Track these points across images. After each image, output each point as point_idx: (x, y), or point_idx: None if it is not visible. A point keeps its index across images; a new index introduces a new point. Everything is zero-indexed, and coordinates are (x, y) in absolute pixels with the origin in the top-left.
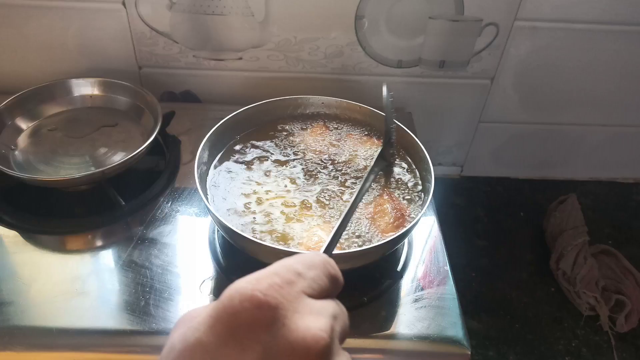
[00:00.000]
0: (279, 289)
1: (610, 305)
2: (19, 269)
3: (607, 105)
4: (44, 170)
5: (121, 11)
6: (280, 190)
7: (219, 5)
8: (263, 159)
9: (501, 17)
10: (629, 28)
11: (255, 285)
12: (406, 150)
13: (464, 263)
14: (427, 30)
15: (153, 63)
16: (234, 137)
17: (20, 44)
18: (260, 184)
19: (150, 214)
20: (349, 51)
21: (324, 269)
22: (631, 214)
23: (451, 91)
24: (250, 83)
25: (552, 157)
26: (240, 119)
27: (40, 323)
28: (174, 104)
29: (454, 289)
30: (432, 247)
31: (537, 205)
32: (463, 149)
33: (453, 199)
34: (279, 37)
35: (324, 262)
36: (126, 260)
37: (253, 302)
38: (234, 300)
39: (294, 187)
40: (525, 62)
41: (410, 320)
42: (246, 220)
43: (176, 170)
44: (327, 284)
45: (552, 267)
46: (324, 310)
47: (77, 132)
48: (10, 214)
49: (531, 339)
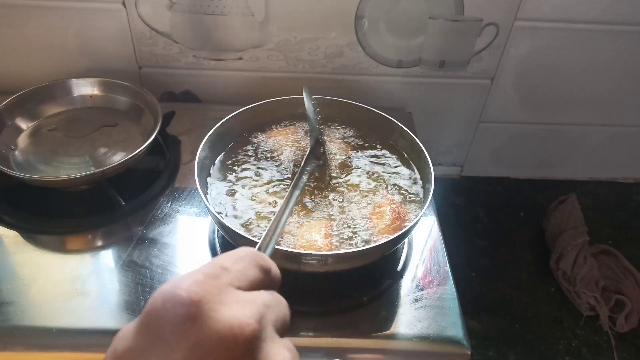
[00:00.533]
0: (202, 284)
1: (610, 305)
2: (19, 269)
3: (607, 105)
4: (44, 170)
5: (121, 11)
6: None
7: (219, 5)
8: (261, 159)
9: (501, 17)
10: (629, 28)
11: (177, 284)
12: (406, 150)
13: (464, 263)
14: (427, 30)
15: (153, 63)
16: (234, 137)
17: (20, 44)
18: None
19: (150, 214)
20: (349, 51)
21: (252, 260)
22: (631, 214)
23: (451, 91)
24: (250, 83)
25: (552, 157)
26: (240, 119)
27: (40, 323)
28: (174, 104)
29: (454, 289)
30: (432, 247)
31: (537, 205)
32: (463, 149)
33: (453, 199)
34: (279, 37)
35: (252, 254)
36: (126, 260)
37: (176, 301)
38: (156, 302)
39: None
40: (525, 62)
41: (410, 320)
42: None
43: (176, 170)
44: (257, 275)
45: (552, 267)
46: (253, 299)
47: (77, 132)
48: (10, 214)
49: (531, 339)
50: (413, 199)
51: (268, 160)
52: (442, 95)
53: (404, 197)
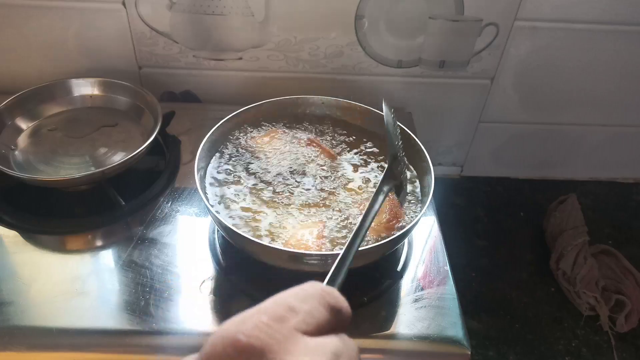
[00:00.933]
0: (266, 328)
1: (610, 305)
2: (19, 269)
3: (607, 105)
4: (44, 170)
5: (121, 11)
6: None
7: (219, 5)
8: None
9: (501, 17)
10: (629, 28)
11: (238, 327)
12: (406, 150)
13: (464, 263)
14: (427, 30)
15: (153, 63)
16: (234, 137)
17: (20, 44)
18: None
19: (150, 214)
20: (349, 51)
21: (322, 299)
22: (631, 214)
23: (451, 91)
24: (250, 83)
25: (552, 157)
26: (240, 119)
27: (40, 323)
28: (174, 104)
29: (454, 289)
30: (432, 247)
31: (537, 205)
32: (463, 149)
33: (453, 199)
34: (279, 37)
35: (322, 292)
36: (126, 260)
37: (236, 347)
38: (216, 347)
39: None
40: (525, 62)
41: (410, 320)
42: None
43: (176, 170)
44: (326, 316)
45: (552, 267)
46: (322, 348)
47: (77, 132)
48: (10, 214)
49: (531, 339)
50: (413, 199)
51: (268, 160)
52: (442, 95)
53: (404, 197)
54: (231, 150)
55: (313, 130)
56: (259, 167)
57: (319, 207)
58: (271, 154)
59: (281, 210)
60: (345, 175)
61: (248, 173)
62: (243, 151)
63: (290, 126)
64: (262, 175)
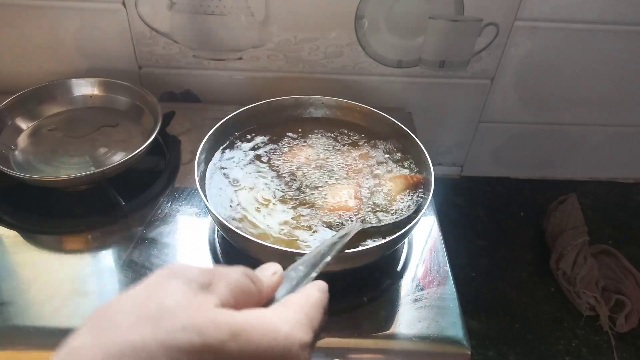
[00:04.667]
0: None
1: (610, 305)
2: (19, 269)
3: (607, 105)
4: (44, 170)
5: (121, 11)
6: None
7: (219, 5)
8: (261, 160)
9: (501, 17)
10: (629, 28)
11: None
12: (406, 150)
13: (464, 263)
14: (427, 30)
15: (153, 63)
16: (234, 137)
17: (20, 44)
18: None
19: (150, 214)
20: (349, 51)
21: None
22: (631, 214)
23: (451, 91)
24: (250, 83)
25: (552, 157)
26: (240, 119)
27: (40, 323)
28: (174, 104)
29: (454, 289)
30: (432, 247)
31: (537, 205)
32: (463, 149)
33: (453, 199)
34: (279, 37)
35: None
36: (126, 260)
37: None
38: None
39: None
40: (525, 62)
41: (410, 320)
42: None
43: (176, 170)
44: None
45: (552, 267)
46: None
47: (77, 132)
48: (10, 214)
49: (531, 339)
50: (413, 199)
51: (268, 160)
52: (442, 95)
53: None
54: (232, 150)
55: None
56: (260, 168)
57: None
58: (273, 155)
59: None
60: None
61: (249, 173)
62: (244, 151)
63: (292, 126)
64: (263, 176)
